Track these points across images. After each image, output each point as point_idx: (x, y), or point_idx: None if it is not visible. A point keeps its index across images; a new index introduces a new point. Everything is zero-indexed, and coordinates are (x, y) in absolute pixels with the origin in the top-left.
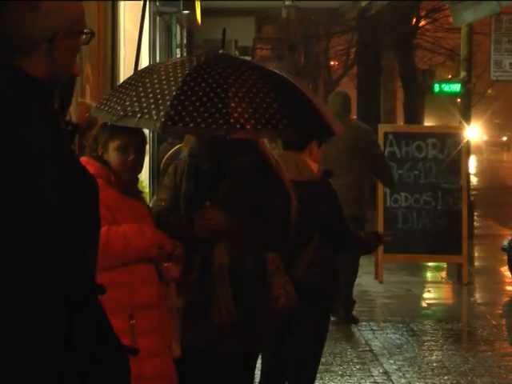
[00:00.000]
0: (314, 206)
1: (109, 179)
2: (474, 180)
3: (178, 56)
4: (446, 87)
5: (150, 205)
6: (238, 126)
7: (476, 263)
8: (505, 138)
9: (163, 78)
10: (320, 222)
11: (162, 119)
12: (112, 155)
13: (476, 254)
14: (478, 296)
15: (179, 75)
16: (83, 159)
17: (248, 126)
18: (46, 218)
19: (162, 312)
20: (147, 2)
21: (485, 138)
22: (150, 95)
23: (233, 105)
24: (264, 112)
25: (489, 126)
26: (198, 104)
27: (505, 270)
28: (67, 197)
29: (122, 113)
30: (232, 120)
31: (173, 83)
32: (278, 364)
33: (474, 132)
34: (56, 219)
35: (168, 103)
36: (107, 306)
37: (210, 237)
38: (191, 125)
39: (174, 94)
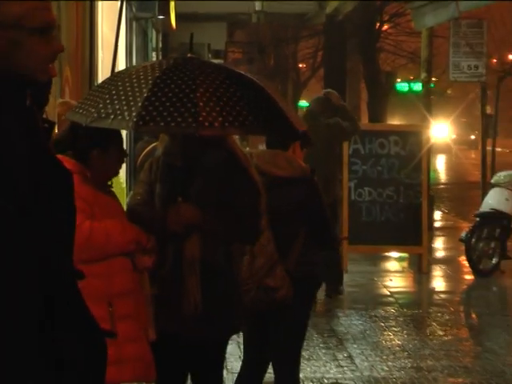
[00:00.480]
0: (307, 202)
1: (85, 175)
2: (441, 176)
3: (154, 59)
4: (416, 86)
5: (127, 199)
6: (207, 124)
7: (436, 254)
8: (473, 137)
9: (135, 80)
10: (310, 217)
11: (134, 119)
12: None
13: (436, 245)
14: (437, 284)
15: (149, 78)
16: (59, 156)
17: (216, 124)
18: (20, 210)
19: (137, 299)
20: (123, 7)
21: (454, 136)
22: (123, 97)
23: (201, 104)
24: (231, 110)
25: (457, 124)
26: (167, 104)
27: (463, 259)
28: (42, 189)
29: (95, 115)
30: (201, 118)
31: (143, 85)
32: (262, 350)
33: (443, 130)
34: (30, 211)
35: (139, 104)
36: (87, 294)
37: (182, 231)
38: (162, 124)
39: (145, 95)
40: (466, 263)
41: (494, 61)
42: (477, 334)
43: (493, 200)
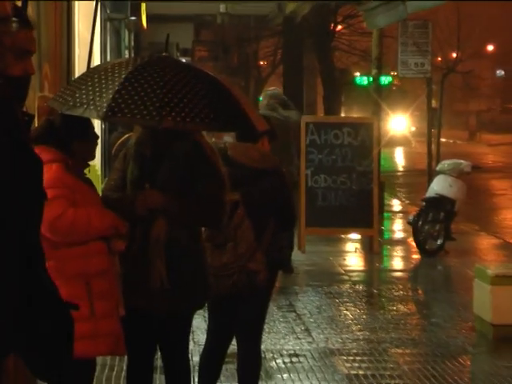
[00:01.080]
0: (278, 192)
1: (67, 163)
2: (395, 165)
3: (127, 56)
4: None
5: (102, 185)
6: (169, 118)
7: (386, 235)
8: (432, 130)
9: (109, 74)
10: (280, 206)
11: (104, 110)
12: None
13: (386, 228)
14: (387, 263)
15: (123, 73)
16: (41, 146)
17: (178, 119)
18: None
19: (111, 278)
20: (98, 8)
21: (413, 129)
22: (97, 89)
23: (166, 100)
24: (193, 107)
25: (415, 117)
26: (136, 98)
27: (410, 241)
28: (18, 175)
29: (71, 103)
30: (164, 113)
31: (117, 79)
32: (227, 325)
33: (401, 123)
34: (5, 192)
35: (110, 96)
36: (68, 274)
37: (149, 214)
38: (128, 115)
39: (116, 88)
40: (413, 244)
41: (439, 59)
42: (423, 308)
43: (437, 186)
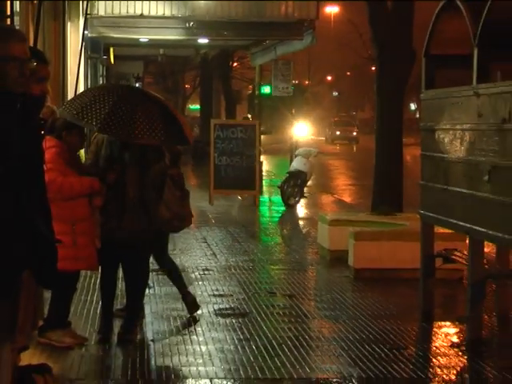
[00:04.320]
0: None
1: (63, 148)
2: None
3: (101, 82)
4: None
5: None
6: (139, 136)
7: (263, 195)
8: (354, 133)
9: (101, 99)
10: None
11: (98, 126)
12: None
13: (264, 190)
14: (263, 212)
15: (110, 100)
16: (47, 137)
17: (139, 136)
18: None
19: (91, 222)
20: (83, 50)
21: (312, 137)
22: (93, 109)
23: (138, 123)
24: (154, 129)
25: (334, 123)
26: (118, 121)
27: (279, 198)
28: (29, 153)
29: (76, 116)
30: (136, 131)
31: (106, 105)
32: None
33: (303, 129)
34: (22, 166)
35: (102, 117)
36: (60, 218)
37: (115, 183)
38: (110, 133)
39: (106, 111)
40: (280, 200)
41: (297, 82)
42: (286, 240)
43: (296, 164)
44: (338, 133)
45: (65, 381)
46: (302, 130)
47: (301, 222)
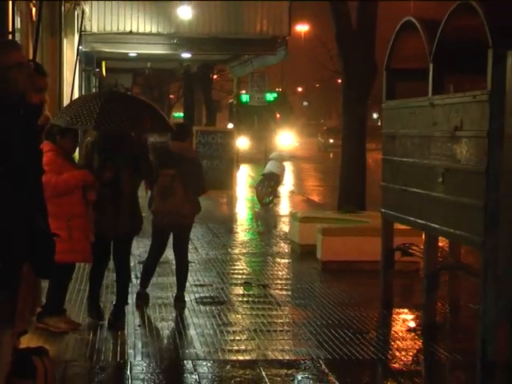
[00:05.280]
0: (198, 169)
1: (58, 151)
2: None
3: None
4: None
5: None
6: (123, 126)
7: (240, 195)
8: (331, 141)
9: (91, 104)
10: (197, 176)
11: (93, 124)
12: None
13: (240, 190)
14: (239, 209)
15: (99, 104)
16: (45, 142)
17: (130, 126)
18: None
19: (85, 218)
20: (77, 63)
21: (297, 144)
22: (85, 113)
23: (125, 120)
24: (141, 121)
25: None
26: (110, 117)
27: (254, 197)
28: (30, 156)
29: (70, 121)
30: (126, 122)
31: (96, 107)
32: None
33: (288, 138)
34: (22, 167)
35: (95, 116)
36: (57, 215)
37: (108, 180)
38: (106, 126)
39: (97, 112)
40: (255, 199)
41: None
42: (261, 236)
43: (269, 166)
44: (331, 141)
45: (60, 362)
46: (287, 139)
47: (274, 219)
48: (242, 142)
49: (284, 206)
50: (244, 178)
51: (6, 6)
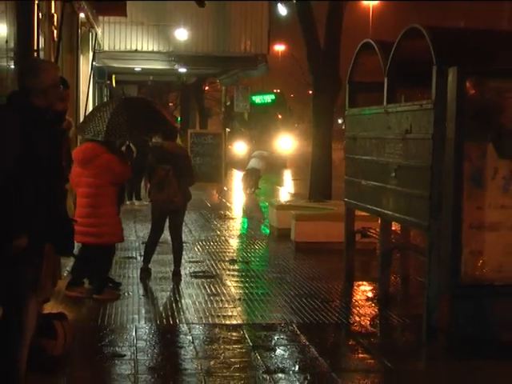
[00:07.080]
0: (188, 164)
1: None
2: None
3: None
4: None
5: None
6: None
7: (229, 186)
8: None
9: (103, 117)
10: (187, 171)
11: (103, 134)
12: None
13: (228, 182)
14: (225, 198)
15: (107, 116)
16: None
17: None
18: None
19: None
20: (91, 76)
21: (294, 147)
22: (96, 125)
23: (133, 129)
24: (146, 126)
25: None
26: (116, 128)
27: (239, 188)
28: (52, 155)
29: (87, 134)
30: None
31: (105, 119)
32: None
33: (288, 143)
34: (45, 164)
35: (105, 127)
36: (112, 202)
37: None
38: (117, 136)
39: (107, 122)
40: (240, 190)
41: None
42: (245, 221)
43: (252, 163)
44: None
45: (78, 325)
46: (287, 143)
47: (255, 206)
48: (240, 147)
49: (265, 196)
50: (232, 173)
51: (32, 29)
